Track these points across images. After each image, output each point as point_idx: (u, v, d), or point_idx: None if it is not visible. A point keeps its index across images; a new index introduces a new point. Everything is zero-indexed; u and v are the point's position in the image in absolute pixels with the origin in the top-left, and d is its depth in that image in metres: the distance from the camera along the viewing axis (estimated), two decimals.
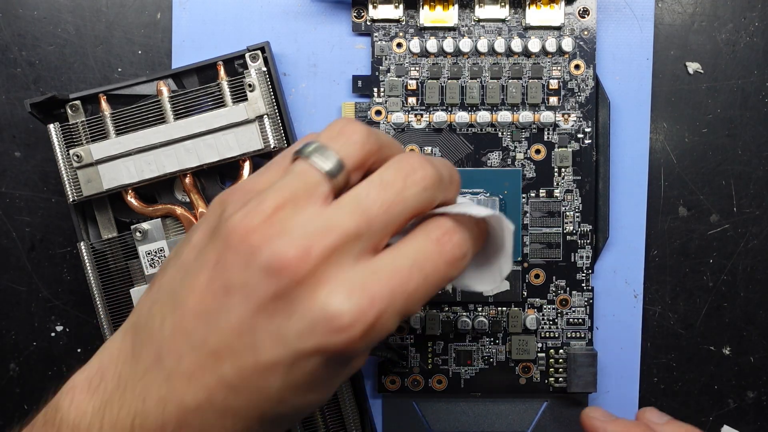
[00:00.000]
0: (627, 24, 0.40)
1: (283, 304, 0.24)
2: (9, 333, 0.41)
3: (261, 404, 0.25)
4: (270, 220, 0.24)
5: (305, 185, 0.25)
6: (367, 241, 0.25)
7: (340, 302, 0.24)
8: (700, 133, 0.40)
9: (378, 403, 0.40)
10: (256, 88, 0.37)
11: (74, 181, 0.37)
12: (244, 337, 0.24)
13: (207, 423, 0.25)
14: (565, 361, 0.39)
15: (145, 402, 0.25)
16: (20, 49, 0.40)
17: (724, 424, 0.41)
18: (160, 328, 0.25)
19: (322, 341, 0.24)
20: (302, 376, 0.24)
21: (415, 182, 0.25)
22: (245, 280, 0.24)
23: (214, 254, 0.25)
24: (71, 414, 0.26)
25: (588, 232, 0.39)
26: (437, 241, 0.26)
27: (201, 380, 0.24)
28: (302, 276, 0.24)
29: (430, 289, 0.25)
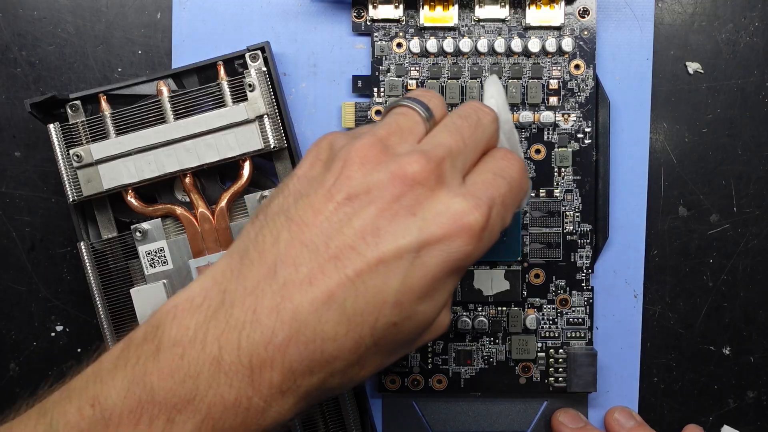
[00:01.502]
0: (627, 24, 0.40)
1: (407, 205, 0.26)
2: (9, 333, 0.41)
3: (378, 307, 0.25)
4: (385, 141, 0.28)
5: (408, 120, 0.29)
6: (464, 158, 0.28)
7: (459, 201, 0.27)
8: (700, 133, 0.40)
9: (378, 403, 0.40)
10: (256, 88, 0.37)
11: (74, 181, 0.37)
12: (367, 238, 0.25)
13: (320, 329, 0.25)
14: (565, 361, 0.39)
15: (256, 312, 0.25)
16: (20, 49, 0.40)
17: (724, 424, 0.41)
18: (273, 244, 0.26)
19: (447, 231, 0.26)
20: (420, 275, 0.26)
21: (485, 114, 0.30)
22: (369, 186, 0.26)
23: (332, 175, 0.27)
24: (173, 329, 0.26)
25: (588, 232, 0.39)
26: (503, 157, 0.30)
27: (321, 283, 0.25)
28: (424, 179, 0.26)
29: (515, 194, 0.29)
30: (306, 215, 0.26)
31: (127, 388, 0.25)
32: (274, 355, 0.25)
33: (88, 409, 0.26)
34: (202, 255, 0.37)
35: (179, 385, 0.25)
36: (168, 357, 0.25)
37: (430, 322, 0.27)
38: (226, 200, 0.37)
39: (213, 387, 0.25)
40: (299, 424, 0.38)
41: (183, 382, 0.25)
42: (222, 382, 0.25)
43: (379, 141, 0.27)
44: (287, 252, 0.26)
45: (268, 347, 0.25)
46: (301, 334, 0.25)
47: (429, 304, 0.27)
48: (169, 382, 0.25)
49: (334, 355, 0.25)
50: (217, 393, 0.25)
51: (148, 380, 0.25)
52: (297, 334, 0.25)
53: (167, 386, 0.25)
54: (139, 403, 0.25)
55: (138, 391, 0.25)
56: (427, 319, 0.27)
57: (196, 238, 0.37)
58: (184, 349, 0.25)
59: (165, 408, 0.25)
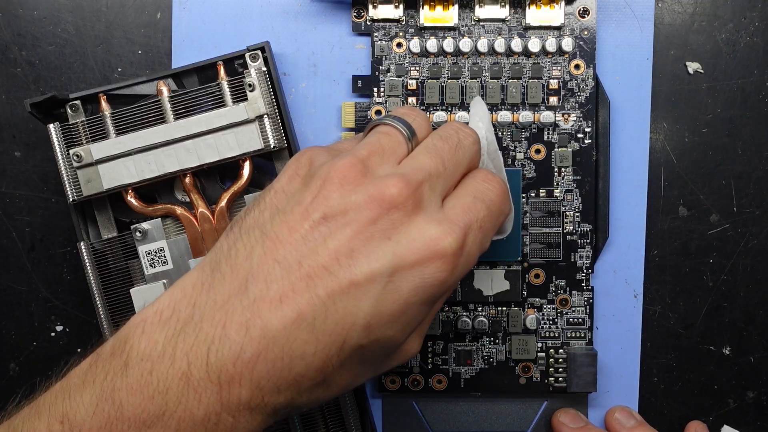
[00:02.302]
0: (627, 24, 0.40)
1: (383, 228, 0.26)
2: (9, 333, 0.41)
3: (347, 329, 0.25)
4: (366, 162, 0.28)
5: (390, 141, 0.29)
6: (444, 181, 0.28)
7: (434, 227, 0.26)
8: (700, 133, 0.40)
9: (378, 403, 0.40)
10: (256, 88, 0.37)
11: (74, 181, 0.37)
12: (341, 259, 0.25)
13: (288, 348, 0.25)
14: (565, 361, 0.39)
15: (225, 328, 0.25)
16: (20, 49, 0.40)
17: (724, 424, 0.41)
18: (246, 259, 0.26)
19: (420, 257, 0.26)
20: (392, 300, 0.26)
21: (466, 135, 0.30)
22: (346, 207, 0.26)
23: (310, 193, 0.27)
24: (141, 344, 0.26)
25: (588, 232, 0.39)
26: (484, 179, 0.30)
27: (292, 301, 0.25)
28: (401, 204, 0.26)
29: (494, 219, 0.29)
30: (281, 232, 0.26)
31: (96, 404, 0.25)
32: (242, 371, 0.25)
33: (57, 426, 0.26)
34: (202, 255, 0.37)
35: (148, 401, 0.25)
36: (136, 372, 0.25)
37: (397, 346, 0.27)
38: (226, 200, 0.37)
39: (182, 403, 0.25)
40: (299, 424, 0.38)
41: (152, 398, 0.25)
42: (191, 398, 0.25)
43: (360, 161, 0.27)
44: (259, 268, 0.26)
45: (237, 363, 0.25)
46: (270, 352, 0.25)
47: (397, 328, 0.26)
48: (138, 397, 0.25)
49: (301, 373, 0.25)
50: (186, 409, 0.25)
51: (116, 396, 0.25)
52: (265, 351, 0.25)
53: (136, 402, 0.25)
54: (108, 419, 0.25)
55: (107, 408, 0.25)
56: (394, 344, 0.27)
57: (196, 238, 0.37)
58: (153, 364, 0.25)
59: (134, 424, 0.25)
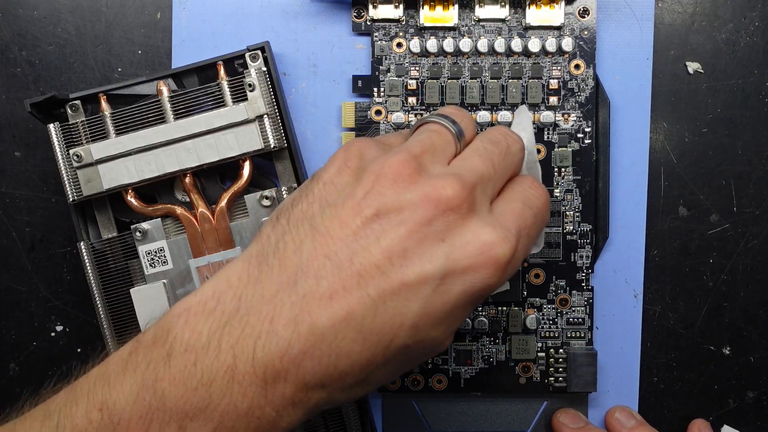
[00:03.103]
0: (627, 24, 0.40)
1: (437, 230, 0.26)
2: (9, 333, 0.41)
3: (395, 329, 0.25)
4: (419, 160, 0.27)
5: (440, 139, 0.29)
6: (493, 185, 0.28)
7: (489, 232, 0.26)
8: (700, 133, 0.40)
9: (378, 402, 0.40)
10: (256, 88, 0.37)
11: (74, 181, 0.37)
12: (394, 258, 0.25)
13: (335, 345, 0.25)
14: (565, 361, 0.39)
15: (273, 323, 0.25)
16: (20, 49, 0.40)
17: (724, 424, 0.41)
18: (295, 254, 0.26)
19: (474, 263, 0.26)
20: (441, 303, 0.26)
21: (514, 141, 0.30)
22: (401, 205, 0.26)
23: (362, 188, 0.26)
24: (185, 334, 0.25)
25: (588, 232, 0.39)
26: (531, 186, 0.30)
27: (342, 299, 0.25)
28: (457, 205, 0.26)
29: (539, 226, 0.29)
30: (332, 226, 0.26)
31: (137, 393, 0.25)
32: (288, 367, 0.25)
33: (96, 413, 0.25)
34: (202, 255, 0.37)
35: (192, 393, 0.25)
36: (180, 363, 0.25)
37: (439, 345, 0.27)
38: (226, 200, 0.37)
39: (227, 396, 0.25)
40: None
41: (195, 389, 0.25)
42: (236, 391, 0.25)
43: (413, 158, 0.27)
44: (309, 263, 0.25)
45: (284, 359, 0.25)
46: (317, 349, 0.25)
47: (442, 329, 0.27)
48: (181, 389, 0.25)
49: (346, 371, 0.25)
50: (231, 402, 0.25)
51: (158, 386, 0.25)
52: (313, 348, 0.25)
53: (179, 393, 0.25)
54: (149, 409, 0.25)
55: (148, 397, 0.25)
56: (438, 344, 0.27)
57: (196, 238, 0.37)
58: (197, 355, 0.25)
59: (176, 415, 0.25)
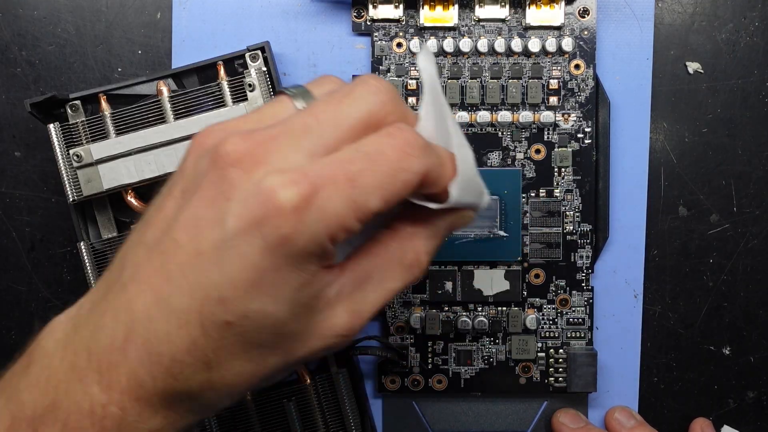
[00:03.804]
0: (627, 24, 0.40)
1: (223, 189, 0.23)
2: (9, 333, 0.41)
3: (201, 302, 0.23)
4: (229, 127, 0.25)
5: (274, 108, 0.26)
6: (318, 138, 0.24)
7: (272, 179, 0.23)
8: (700, 133, 0.40)
9: (378, 403, 0.40)
10: (256, 88, 0.37)
11: (74, 181, 0.37)
12: (189, 230, 0.24)
13: (152, 329, 0.24)
14: (565, 361, 0.39)
15: (104, 316, 0.25)
16: (20, 49, 0.40)
17: (724, 424, 0.41)
18: (125, 248, 0.26)
19: (255, 215, 0.23)
20: (240, 267, 0.23)
21: (365, 85, 0.25)
22: (196, 175, 0.24)
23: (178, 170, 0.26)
24: (46, 342, 0.26)
25: (588, 232, 0.39)
26: (387, 134, 0.25)
27: (150, 280, 0.24)
28: (237, 160, 0.23)
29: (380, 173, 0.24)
30: (150, 215, 0.26)
31: (3, 405, 0.25)
32: (117, 358, 0.24)
33: None
34: None
35: (42, 396, 0.25)
36: (36, 369, 0.25)
37: (285, 321, 0.24)
38: None
39: (70, 394, 0.24)
40: (299, 423, 0.38)
41: (45, 392, 0.25)
42: (78, 389, 0.24)
43: (224, 128, 0.25)
44: (131, 253, 0.25)
45: (112, 350, 0.24)
46: (136, 335, 0.24)
47: (266, 301, 0.23)
48: (35, 393, 0.25)
49: (170, 356, 0.24)
50: (74, 401, 0.24)
51: (20, 396, 0.25)
52: (132, 335, 0.24)
53: (33, 398, 0.25)
54: (13, 419, 0.25)
55: (12, 407, 0.25)
56: (276, 318, 0.24)
57: None
58: (50, 359, 0.25)
59: (32, 421, 0.25)
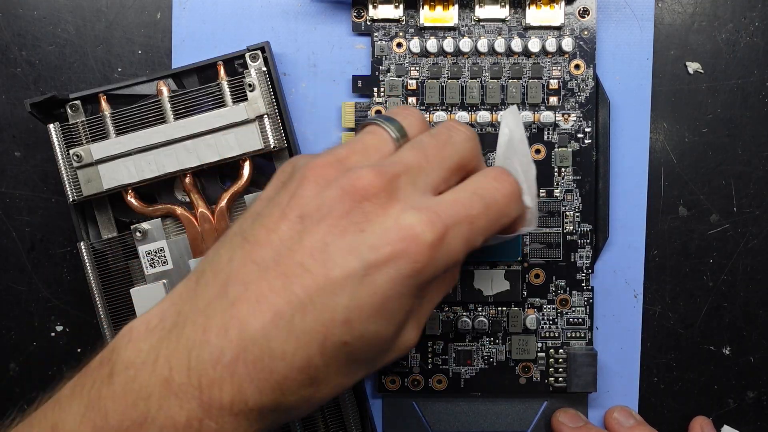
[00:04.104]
0: (627, 24, 0.40)
1: (356, 221, 0.25)
2: (9, 333, 0.41)
3: (326, 325, 0.25)
4: (343, 161, 0.27)
5: (374, 139, 0.28)
6: (428, 176, 0.27)
7: (411, 216, 0.25)
8: (700, 133, 0.40)
9: (378, 403, 0.40)
10: (256, 88, 0.37)
11: (74, 181, 0.37)
12: (316, 255, 0.25)
13: (267, 347, 0.25)
14: (565, 361, 0.39)
15: (205, 332, 0.25)
16: (20, 49, 0.40)
17: (724, 424, 0.41)
18: (227, 263, 0.26)
19: (395, 249, 0.25)
20: (369, 294, 0.25)
21: (458, 132, 0.29)
22: (320, 203, 0.26)
23: (288, 194, 0.27)
24: (127, 352, 0.26)
25: (588, 232, 0.39)
26: (493, 177, 0.28)
27: (269, 301, 0.25)
28: (373, 194, 0.26)
29: (491, 217, 0.28)
30: (259, 234, 0.26)
31: (83, 413, 0.25)
32: (222, 374, 0.25)
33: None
34: (203, 255, 0.37)
35: (131, 408, 0.25)
36: (121, 380, 0.25)
37: (389, 341, 0.27)
38: (226, 200, 0.37)
39: (164, 408, 0.25)
40: (299, 424, 0.38)
41: (135, 404, 0.25)
42: (173, 403, 0.25)
43: (337, 160, 0.27)
44: (238, 270, 0.26)
45: (217, 367, 0.25)
46: (249, 353, 0.25)
47: (382, 323, 0.26)
48: (122, 404, 0.25)
49: (283, 374, 0.25)
50: (168, 415, 0.25)
51: (102, 404, 0.25)
52: (245, 353, 0.25)
53: (120, 409, 0.25)
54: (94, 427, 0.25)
55: (93, 416, 0.25)
56: (384, 339, 0.26)
57: (196, 238, 0.37)
58: (137, 371, 0.25)
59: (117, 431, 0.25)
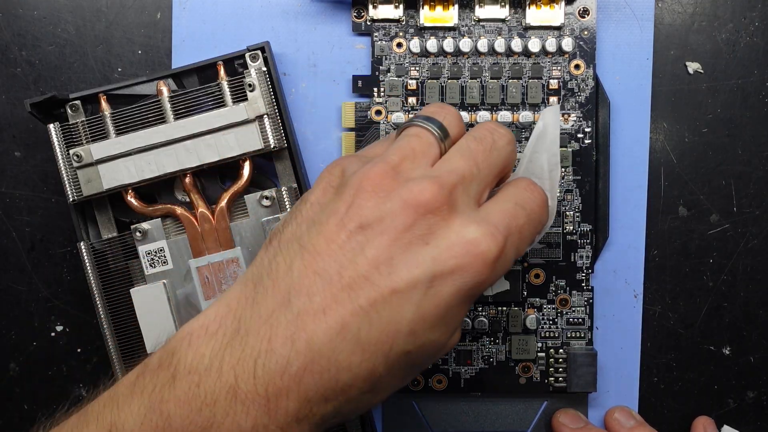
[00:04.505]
0: (627, 24, 0.40)
1: (420, 234, 0.26)
2: (9, 333, 0.41)
3: (392, 337, 0.25)
4: (397, 168, 0.27)
5: (421, 143, 0.29)
6: (478, 184, 0.28)
7: (474, 230, 0.26)
8: (700, 133, 0.40)
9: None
10: (256, 88, 0.37)
11: (74, 181, 0.37)
12: (381, 267, 0.25)
13: (334, 359, 0.25)
14: (565, 361, 0.39)
15: (271, 342, 0.25)
16: (20, 49, 0.40)
17: (724, 424, 0.41)
18: (287, 273, 0.26)
19: (459, 263, 0.26)
20: (434, 305, 0.26)
21: (501, 136, 0.30)
22: (382, 215, 0.26)
23: (344, 203, 0.27)
24: (188, 356, 0.26)
25: (588, 232, 0.39)
26: (526, 188, 0.30)
27: (335, 313, 0.25)
28: (436, 208, 0.26)
29: (533, 227, 0.29)
30: (318, 243, 0.26)
31: (144, 414, 0.26)
32: (289, 384, 0.25)
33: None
34: (202, 255, 0.37)
35: (196, 413, 0.25)
36: (184, 385, 0.26)
37: (444, 345, 0.28)
38: (226, 200, 0.37)
39: (230, 415, 0.25)
40: None
41: (200, 410, 0.25)
42: (239, 410, 0.25)
43: (391, 168, 0.27)
44: (301, 281, 0.26)
45: (284, 376, 0.25)
46: (316, 364, 0.25)
47: (442, 331, 0.27)
48: (186, 409, 0.25)
49: (348, 383, 0.26)
50: (234, 421, 0.25)
51: (164, 408, 0.25)
52: (312, 364, 0.25)
53: (184, 414, 0.25)
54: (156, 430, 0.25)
55: (155, 418, 0.25)
56: (441, 344, 0.27)
57: (196, 238, 0.37)
58: (200, 377, 0.26)
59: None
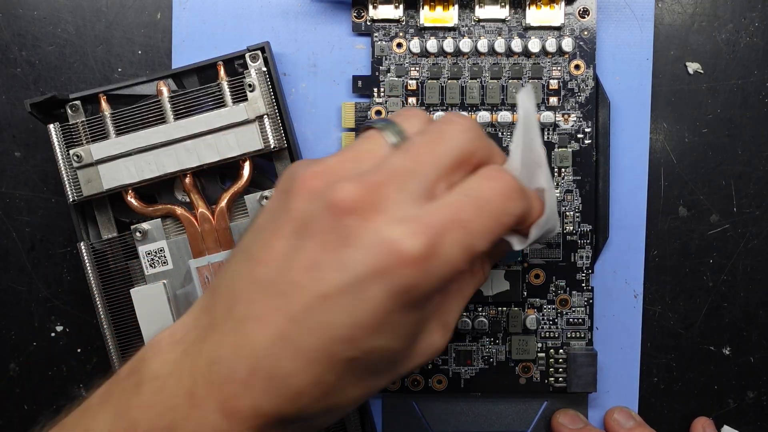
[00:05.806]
0: (627, 24, 0.40)
1: (342, 236, 0.25)
2: (9, 333, 0.41)
3: (329, 343, 0.25)
4: (332, 169, 0.26)
5: (370, 145, 0.27)
6: (420, 180, 0.26)
7: (394, 229, 0.24)
8: (700, 133, 0.40)
9: (378, 403, 0.40)
10: (256, 88, 0.37)
11: (74, 181, 0.37)
12: (310, 272, 0.25)
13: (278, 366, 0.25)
14: (565, 361, 0.39)
15: (221, 349, 0.25)
16: (20, 49, 0.40)
17: (724, 424, 0.41)
18: (233, 280, 0.26)
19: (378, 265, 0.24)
20: (367, 310, 0.24)
21: (453, 124, 0.27)
22: (309, 218, 0.25)
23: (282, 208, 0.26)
24: (154, 363, 0.26)
25: (588, 232, 0.39)
26: (485, 176, 0.26)
27: (271, 320, 0.25)
28: (354, 208, 0.25)
29: (489, 218, 0.26)
30: (260, 250, 0.26)
31: (112, 422, 0.26)
32: (239, 390, 0.25)
33: None
34: (202, 255, 0.37)
35: (159, 418, 0.25)
36: (149, 390, 0.26)
37: (400, 352, 0.26)
38: (226, 200, 0.37)
39: (189, 420, 0.25)
40: None
41: (162, 415, 0.25)
42: (197, 415, 0.25)
43: (327, 169, 0.26)
44: (242, 288, 0.26)
45: (233, 382, 0.25)
46: (261, 370, 0.25)
47: (387, 338, 0.25)
48: (150, 414, 0.25)
49: (297, 391, 0.25)
50: (194, 427, 0.25)
51: (131, 414, 0.26)
52: (258, 370, 0.25)
53: (148, 419, 0.25)
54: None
55: (122, 425, 0.26)
56: (394, 351, 0.26)
57: (196, 238, 0.37)
58: (163, 382, 0.26)
59: None
